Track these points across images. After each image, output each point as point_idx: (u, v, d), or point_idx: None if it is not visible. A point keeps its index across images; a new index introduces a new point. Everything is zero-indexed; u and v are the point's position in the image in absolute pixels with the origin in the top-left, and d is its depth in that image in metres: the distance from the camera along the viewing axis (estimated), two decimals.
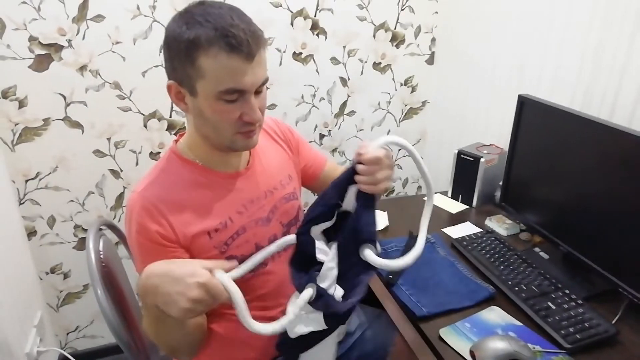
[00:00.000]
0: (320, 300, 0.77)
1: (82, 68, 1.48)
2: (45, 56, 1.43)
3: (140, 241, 0.83)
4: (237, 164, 0.94)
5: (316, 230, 0.83)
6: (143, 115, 1.59)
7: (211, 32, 0.74)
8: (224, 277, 0.70)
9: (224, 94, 0.78)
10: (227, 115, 0.80)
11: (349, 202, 0.81)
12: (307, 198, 1.68)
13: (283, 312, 0.76)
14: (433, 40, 1.85)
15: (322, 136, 1.87)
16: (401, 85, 1.89)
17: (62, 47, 1.44)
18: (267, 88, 0.83)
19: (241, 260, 0.90)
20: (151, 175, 0.88)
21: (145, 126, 1.61)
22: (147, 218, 0.82)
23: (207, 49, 0.75)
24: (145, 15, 1.47)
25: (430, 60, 1.89)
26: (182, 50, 0.76)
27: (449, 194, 1.57)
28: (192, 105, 0.82)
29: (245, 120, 0.81)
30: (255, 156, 0.97)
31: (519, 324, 0.98)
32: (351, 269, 0.80)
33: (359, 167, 0.78)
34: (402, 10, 1.75)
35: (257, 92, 0.82)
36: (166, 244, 0.83)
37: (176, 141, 0.93)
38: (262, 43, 0.79)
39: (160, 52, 1.52)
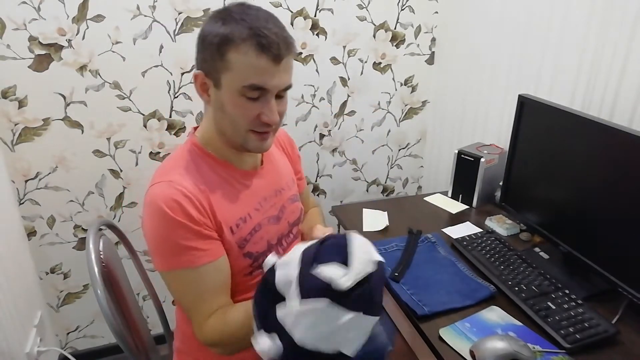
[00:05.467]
0: None
1: (82, 68, 1.48)
2: (45, 56, 1.43)
3: (179, 227, 0.80)
4: (251, 163, 0.96)
5: None
6: (143, 115, 1.59)
7: (245, 30, 0.77)
8: None
9: (247, 90, 0.79)
10: (246, 111, 0.82)
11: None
12: None
13: None
14: (433, 40, 1.85)
15: (322, 136, 1.87)
16: (401, 85, 1.88)
17: (62, 47, 1.43)
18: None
19: (256, 258, 0.91)
20: (179, 166, 0.87)
21: (145, 126, 1.61)
22: (189, 205, 0.81)
23: (238, 45, 0.77)
24: (145, 15, 1.47)
25: (431, 60, 1.89)
26: (214, 44, 0.79)
27: (449, 194, 1.57)
28: (214, 97, 0.84)
29: (262, 120, 0.83)
30: (266, 155, 0.99)
31: (519, 323, 0.98)
32: None
33: None
34: (402, 10, 1.75)
35: (279, 96, 0.84)
36: (207, 229, 0.83)
37: (194, 132, 0.93)
38: (292, 49, 0.82)
39: (160, 52, 1.52)
